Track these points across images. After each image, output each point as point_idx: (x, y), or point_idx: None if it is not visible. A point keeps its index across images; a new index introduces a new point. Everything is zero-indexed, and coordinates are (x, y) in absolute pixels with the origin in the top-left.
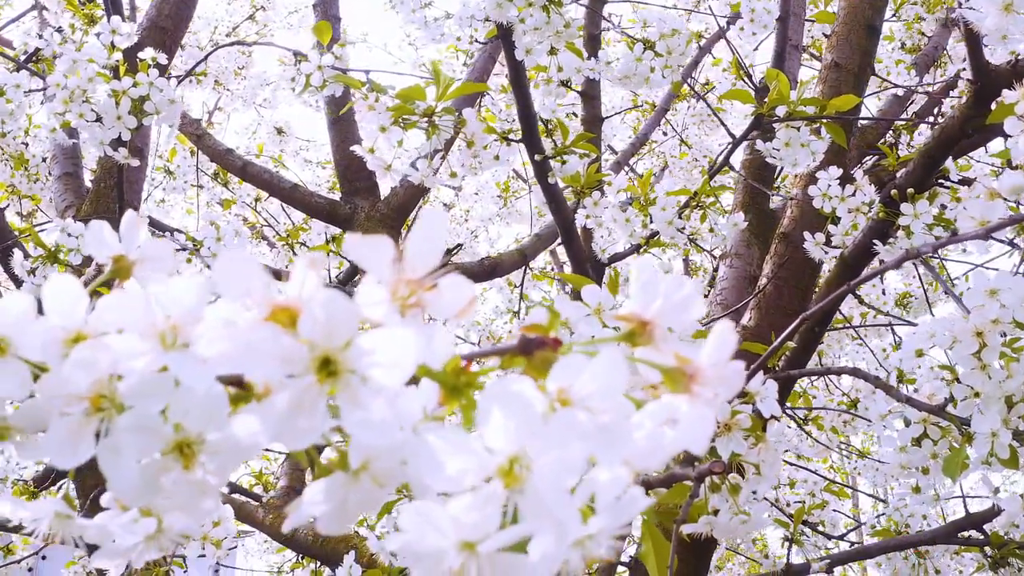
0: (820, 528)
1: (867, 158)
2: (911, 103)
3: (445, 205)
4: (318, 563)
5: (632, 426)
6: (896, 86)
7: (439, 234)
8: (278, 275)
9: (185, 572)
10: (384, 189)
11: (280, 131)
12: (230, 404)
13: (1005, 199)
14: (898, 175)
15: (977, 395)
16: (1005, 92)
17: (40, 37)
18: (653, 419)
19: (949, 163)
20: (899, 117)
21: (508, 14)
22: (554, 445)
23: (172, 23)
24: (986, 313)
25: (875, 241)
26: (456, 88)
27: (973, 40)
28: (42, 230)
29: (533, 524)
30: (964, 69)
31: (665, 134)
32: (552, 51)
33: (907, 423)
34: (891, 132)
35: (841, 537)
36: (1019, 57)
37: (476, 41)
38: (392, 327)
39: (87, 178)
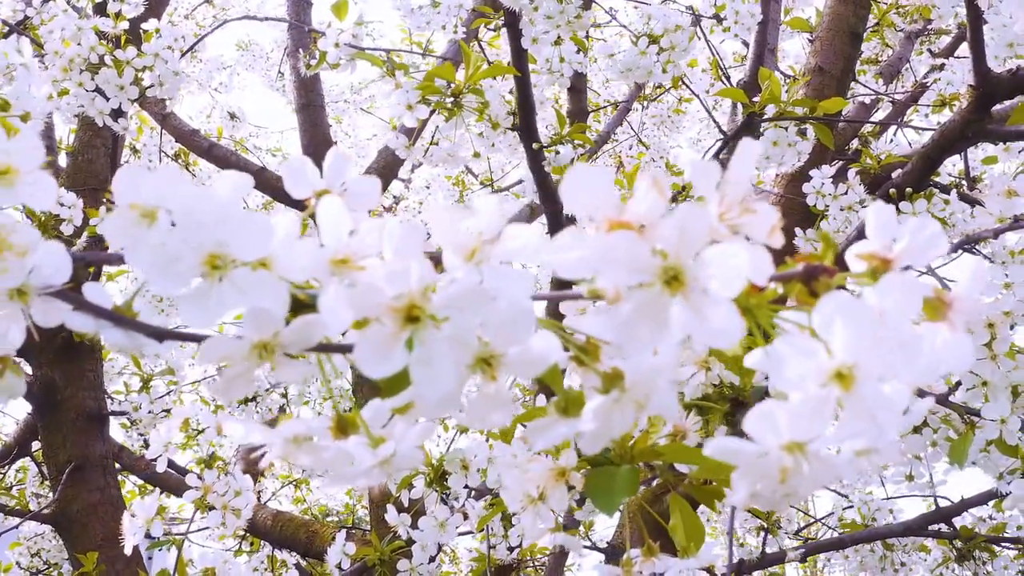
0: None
1: (835, 161)
2: (876, 110)
3: (395, 198)
4: (272, 548)
5: (924, 344)
6: (877, 93)
7: (752, 163)
8: None
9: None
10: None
11: (233, 116)
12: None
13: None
14: (894, 175)
15: (984, 384)
16: None
17: (29, 5)
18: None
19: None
20: (871, 121)
21: (521, 0)
22: (883, 354)
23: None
24: (1000, 305)
25: None
26: (485, 70)
27: (977, 47)
28: None
29: (855, 426)
30: (938, 79)
31: (613, 134)
32: (557, 41)
33: (905, 410)
34: (857, 137)
35: (796, 532)
36: (1019, 67)
37: (461, 28)
38: (730, 242)
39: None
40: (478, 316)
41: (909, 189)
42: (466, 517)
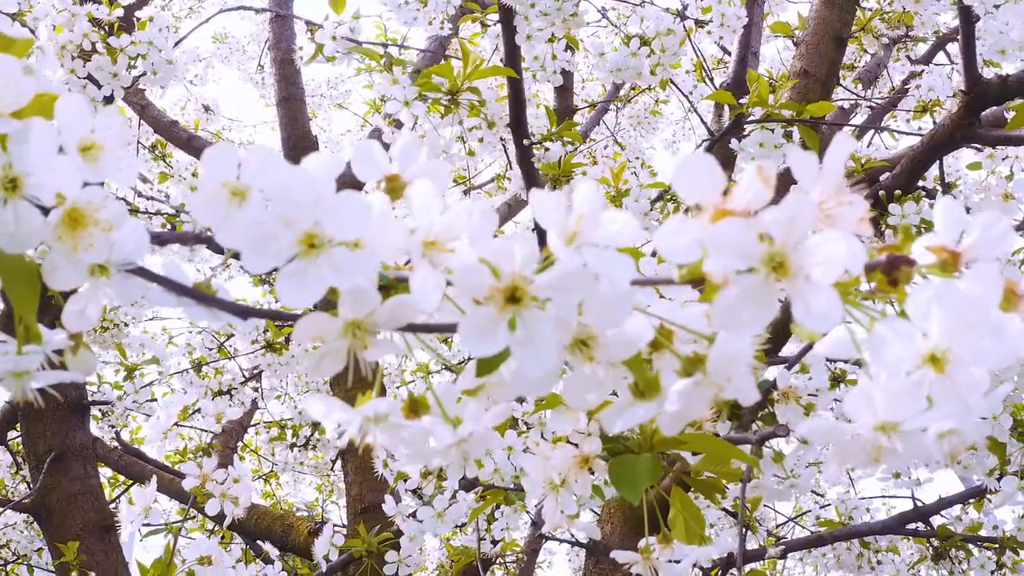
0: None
1: None
2: (855, 114)
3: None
4: (245, 542)
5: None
6: (858, 98)
7: (847, 154)
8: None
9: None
10: None
11: (207, 108)
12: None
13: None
14: (882, 178)
15: None
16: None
17: None
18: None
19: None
20: (852, 124)
21: None
22: (976, 340)
23: None
24: None
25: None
26: (483, 69)
27: (969, 54)
28: None
29: (945, 408)
30: (918, 85)
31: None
32: (552, 39)
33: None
34: None
35: (769, 533)
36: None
37: (447, 24)
38: (830, 231)
39: None
40: (579, 297)
41: (898, 191)
42: None
